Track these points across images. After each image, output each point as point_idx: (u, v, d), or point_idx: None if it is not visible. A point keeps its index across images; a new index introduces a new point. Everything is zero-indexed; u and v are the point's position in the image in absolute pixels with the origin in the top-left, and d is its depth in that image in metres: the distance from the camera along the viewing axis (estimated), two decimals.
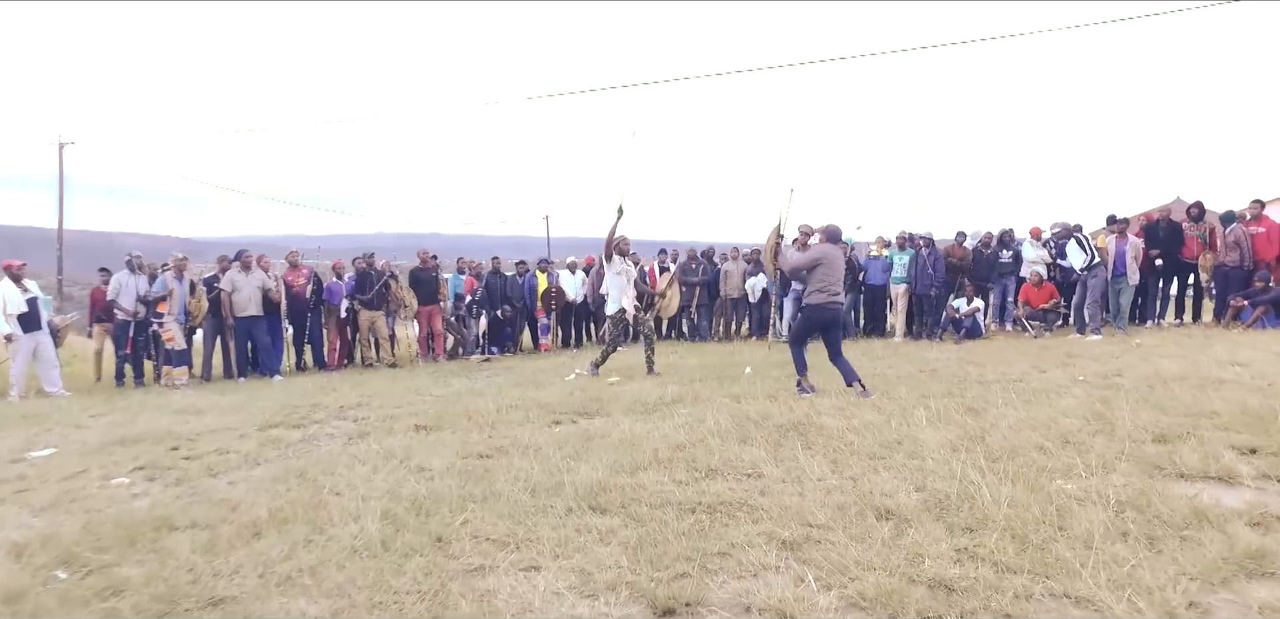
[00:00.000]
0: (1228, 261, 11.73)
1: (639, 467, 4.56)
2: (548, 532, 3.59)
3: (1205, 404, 5.54)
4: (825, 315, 7.39)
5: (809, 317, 7.53)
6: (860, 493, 3.82)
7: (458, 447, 5.60)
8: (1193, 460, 4.11)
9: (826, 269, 7.34)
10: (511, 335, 14.92)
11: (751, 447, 4.84)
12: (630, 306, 9.38)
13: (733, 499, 3.84)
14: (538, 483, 4.38)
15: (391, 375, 11.53)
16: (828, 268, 7.35)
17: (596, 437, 5.61)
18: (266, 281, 11.81)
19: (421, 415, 7.18)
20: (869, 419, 5.49)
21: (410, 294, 13.58)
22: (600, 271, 15.10)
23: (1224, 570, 2.80)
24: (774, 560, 3.09)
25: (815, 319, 7.47)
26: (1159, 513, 3.32)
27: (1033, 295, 12.59)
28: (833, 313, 7.41)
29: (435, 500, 4.17)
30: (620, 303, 9.39)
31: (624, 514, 3.78)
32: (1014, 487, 3.69)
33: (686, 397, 7.18)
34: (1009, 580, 2.77)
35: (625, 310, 9.36)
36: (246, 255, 11.86)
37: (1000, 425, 5.12)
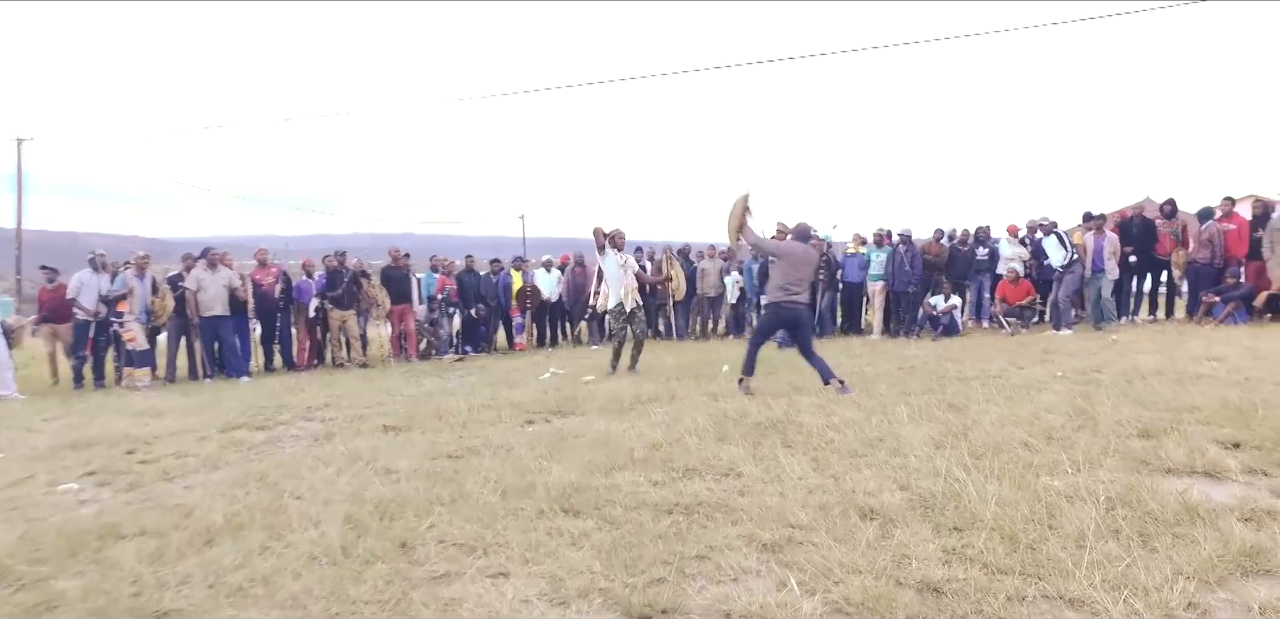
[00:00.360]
0: (1200, 258, 11.80)
1: (614, 467, 4.41)
2: (517, 535, 3.42)
3: (1185, 399, 5.50)
4: (782, 315, 7.24)
5: (767, 314, 7.41)
6: (843, 492, 3.69)
7: (426, 447, 5.42)
8: (1178, 456, 4.04)
9: (788, 266, 7.17)
10: (486, 334, 14.70)
11: (730, 445, 4.70)
12: (630, 300, 9.16)
13: (711, 500, 3.69)
14: (508, 484, 4.21)
15: (362, 375, 11.27)
16: (789, 265, 7.17)
17: (570, 436, 5.45)
18: (233, 280, 11.50)
19: (390, 416, 6.98)
20: (849, 416, 5.37)
21: (382, 292, 13.32)
22: (578, 270, 14.94)
23: (1220, 569, 2.70)
24: (754, 564, 2.95)
25: (773, 317, 7.36)
26: (1150, 510, 3.21)
27: (1009, 292, 12.60)
28: (790, 313, 7.18)
29: (400, 504, 3.99)
30: (619, 296, 9.19)
31: (598, 516, 3.62)
32: (1000, 484, 3.58)
33: (663, 395, 7.04)
34: (1000, 582, 2.65)
35: (624, 304, 9.15)
36: (212, 253, 11.55)
37: (982, 422, 5.03)
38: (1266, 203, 11.81)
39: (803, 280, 7.22)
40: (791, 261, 7.18)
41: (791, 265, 7.16)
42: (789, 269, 7.16)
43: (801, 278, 7.20)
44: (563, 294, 15.07)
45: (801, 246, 7.36)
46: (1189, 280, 12.30)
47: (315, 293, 12.88)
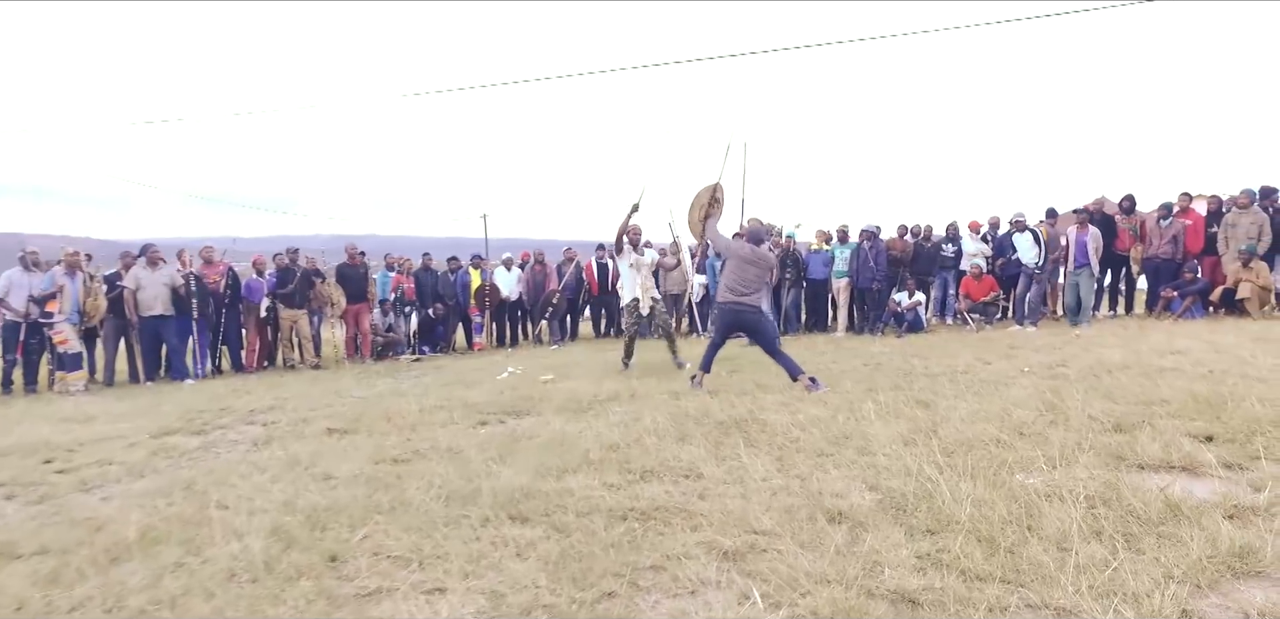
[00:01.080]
0: (1161, 253, 11.86)
1: (567, 470, 4.14)
2: (458, 546, 3.14)
3: (1154, 392, 5.38)
4: (726, 316, 7.09)
5: (716, 315, 7.25)
6: (809, 494, 3.46)
7: (371, 451, 5.11)
8: (1153, 450, 3.89)
9: (734, 267, 6.99)
10: (444, 334, 14.31)
11: (690, 445, 4.44)
12: (647, 298, 8.88)
13: (669, 504, 3.44)
14: (453, 490, 3.92)
15: (313, 377, 10.85)
16: (735, 266, 6.98)
17: (524, 438, 5.18)
18: (174, 278, 10.98)
19: (337, 419, 6.63)
20: (815, 414, 5.16)
21: (337, 291, 12.88)
22: (537, 268, 14.63)
23: (1211, 571, 2.52)
24: (714, 574, 2.69)
25: (720, 318, 7.20)
26: (1132, 508, 3.03)
27: (973, 289, 12.56)
28: (734, 314, 7.01)
29: (335, 512, 3.69)
30: (634, 293, 8.93)
31: (547, 524, 3.35)
32: (974, 483, 3.38)
33: (623, 393, 6.78)
34: (980, 590, 2.43)
35: (639, 301, 8.88)
36: (153, 251, 11.01)
37: (952, 418, 4.84)
38: (1220, 200, 11.91)
39: (749, 282, 6.98)
40: (738, 262, 7.00)
41: (737, 266, 6.99)
42: (735, 269, 6.99)
43: (747, 279, 6.97)
44: (523, 293, 14.73)
45: (749, 247, 7.10)
46: (1148, 276, 12.36)
47: (266, 292, 12.40)
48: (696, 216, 8.24)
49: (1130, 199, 12.50)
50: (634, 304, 8.90)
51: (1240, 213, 11.18)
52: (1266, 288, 10.72)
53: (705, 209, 8.11)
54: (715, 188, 8.08)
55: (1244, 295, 10.68)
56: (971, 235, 13.32)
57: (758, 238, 7.22)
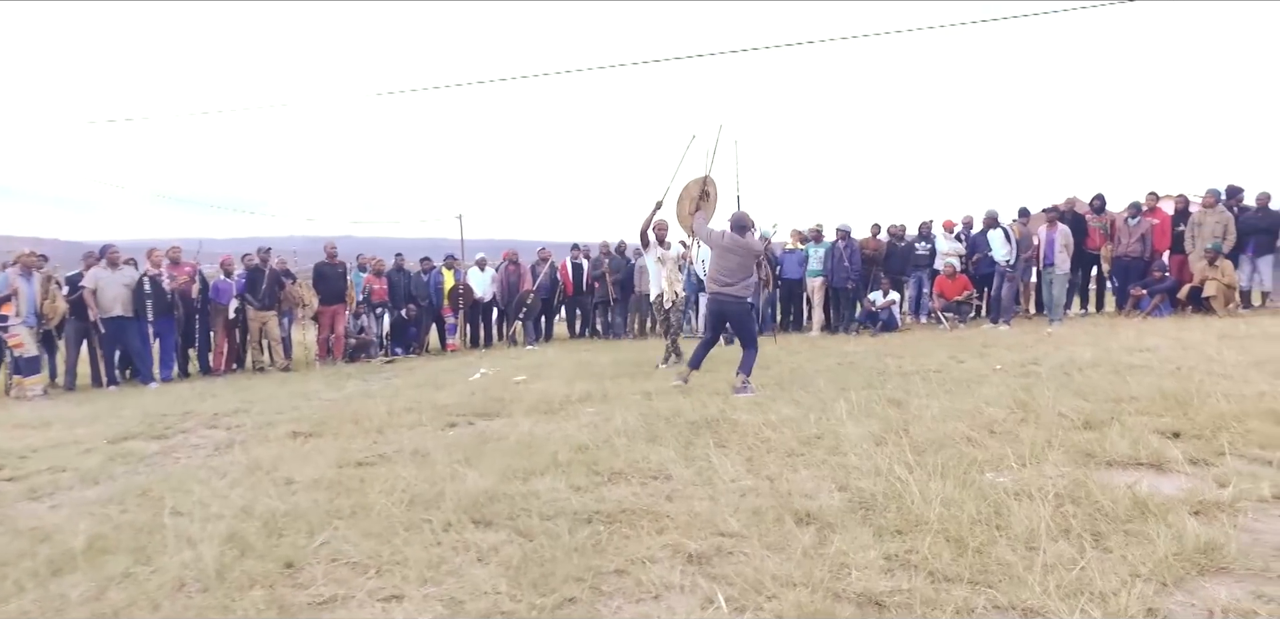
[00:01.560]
0: (1130, 252, 12.00)
1: (534, 472, 4.06)
2: (418, 552, 3.05)
3: (1123, 389, 5.41)
4: (712, 306, 7.17)
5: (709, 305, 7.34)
6: (778, 495, 3.40)
7: (336, 455, 4.99)
8: (1122, 447, 3.88)
9: (719, 257, 7.04)
10: (417, 335, 14.14)
11: (660, 446, 4.38)
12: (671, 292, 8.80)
13: (636, 506, 3.37)
14: (417, 494, 3.83)
15: (282, 379, 10.66)
16: (718, 255, 7.05)
17: (493, 440, 5.09)
18: (134, 280, 10.74)
19: (303, 422, 6.49)
20: (787, 413, 5.12)
21: (310, 292, 12.68)
22: (511, 268, 14.51)
23: (1177, 568, 2.50)
24: (678, 578, 2.63)
25: (709, 308, 7.28)
26: (1100, 506, 3.01)
27: (947, 287, 12.62)
28: (719, 303, 7.06)
29: (294, 518, 3.58)
30: (660, 288, 8.94)
31: (510, 527, 3.27)
32: (944, 482, 3.34)
33: (595, 394, 6.71)
34: (947, 592, 2.39)
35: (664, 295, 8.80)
36: (112, 251, 10.76)
37: (924, 416, 4.82)
38: (1187, 200, 12.07)
39: (732, 271, 6.99)
40: (720, 251, 7.06)
41: (719, 255, 7.05)
42: (717, 259, 7.06)
43: (729, 267, 6.99)
44: (497, 293, 14.61)
45: (731, 236, 7.13)
46: (1117, 274, 12.50)
47: (235, 293, 12.17)
48: (686, 210, 8.22)
49: (1100, 198, 12.62)
50: (660, 299, 8.87)
51: (1206, 212, 11.33)
52: (1231, 286, 10.87)
53: (695, 202, 8.08)
54: (704, 181, 8.06)
55: (1210, 293, 10.82)
56: (945, 234, 13.39)
57: (741, 226, 7.21)
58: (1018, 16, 11.39)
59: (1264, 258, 11.14)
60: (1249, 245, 11.17)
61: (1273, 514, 2.97)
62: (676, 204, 8.38)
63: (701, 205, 8.04)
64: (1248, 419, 4.26)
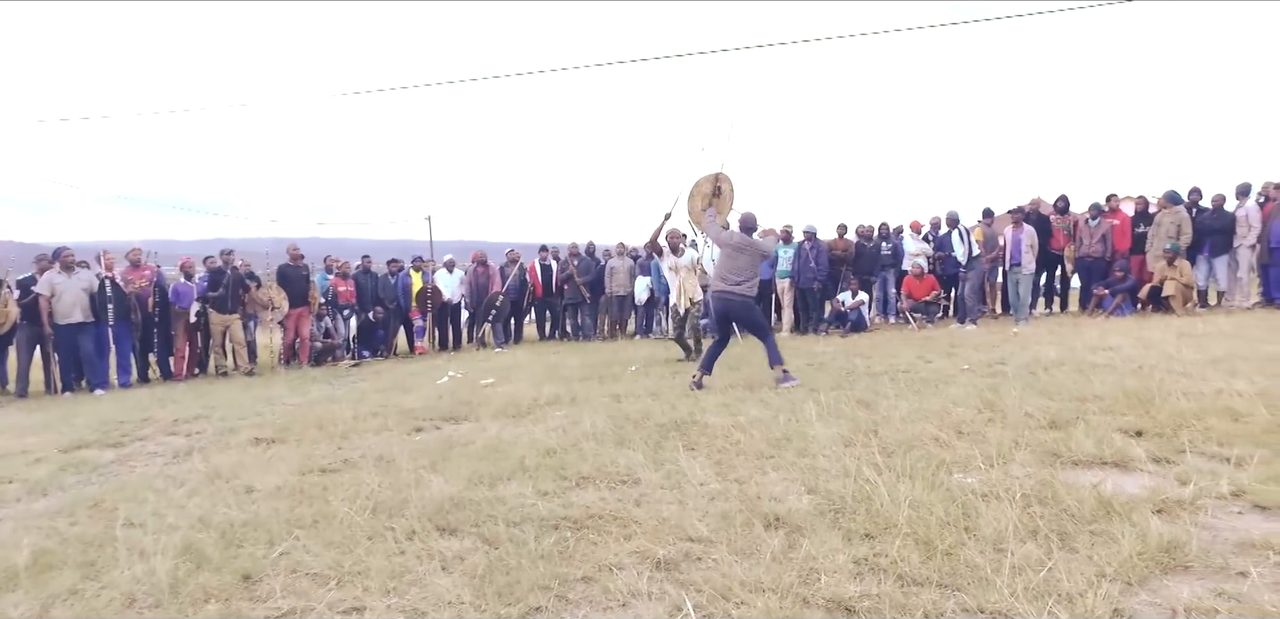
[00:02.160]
0: (1092, 253, 12.20)
1: (501, 477, 4.01)
2: (381, 561, 2.98)
3: (1087, 388, 5.47)
4: (718, 305, 7.18)
5: (714, 304, 7.37)
6: (747, 498, 3.38)
7: (299, 462, 4.88)
8: (1087, 446, 3.92)
9: (728, 257, 7.09)
10: (384, 338, 13.96)
11: (629, 450, 4.33)
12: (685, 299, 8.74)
13: (603, 511, 3.33)
14: (381, 501, 3.75)
15: (245, 384, 10.44)
16: (726, 255, 7.09)
17: (459, 444, 5.02)
18: (92, 283, 10.46)
19: (266, 427, 6.35)
20: (756, 415, 5.10)
21: (279, 294, 12.45)
22: (480, 270, 14.38)
23: (1141, 567, 2.51)
24: (646, 585, 2.59)
25: (713, 307, 7.29)
26: (1066, 506, 3.03)
27: (914, 288, 12.74)
28: (724, 302, 7.10)
29: (253, 528, 3.49)
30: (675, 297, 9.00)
31: (476, 535, 3.21)
32: (913, 484, 3.34)
33: (564, 397, 6.65)
34: (916, 596, 2.38)
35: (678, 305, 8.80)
36: (66, 254, 10.47)
37: (892, 417, 4.84)
38: (1147, 201, 12.29)
39: (740, 270, 7.05)
40: (727, 252, 7.13)
41: (728, 255, 7.11)
42: (726, 259, 7.12)
43: (738, 267, 7.05)
44: (465, 295, 14.47)
45: (739, 236, 7.20)
46: (1080, 274, 12.71)
47: (196, 296, 11.91)
48: (697, 206, 8.15)
49: (1064, 199, 12.82)
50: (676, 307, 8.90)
51: (1164, 213, 11.56)
52: (1189, 285, 11.10)
53: (707, 199, 8.01)
54: (717, 177, 7.99)
55: (1169, 292, 11.04)
56: (913, 235, 13.51)
57: (748, 226, 7.30)
58: (983, 19, 11.52)
59: (1219, 258, 11.40)
60: (1205, 246, 11.42)
61: (1232, 511, 3.01)
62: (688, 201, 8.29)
63: (713, 202, 7.98)
64: (1206, 417, 4.33)
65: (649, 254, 9.06)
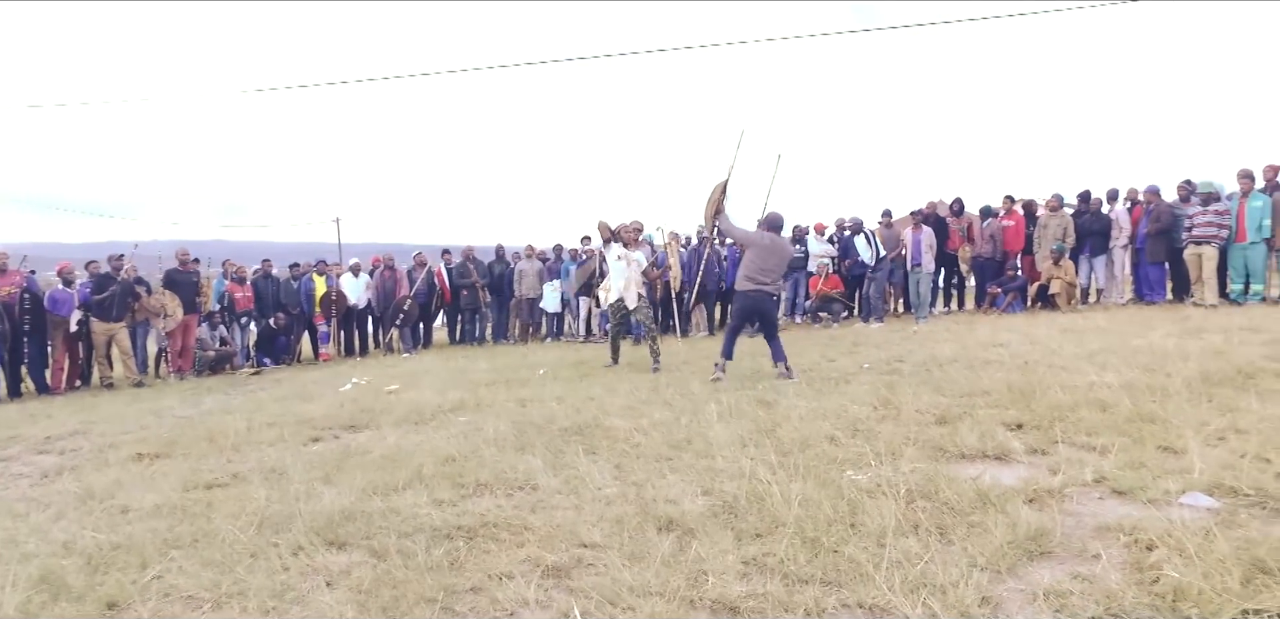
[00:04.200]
0: (983, 252, 12.80)
1: (396, 487, 3.90)
2: (262, 580, 2.86)
3: (977, 384, 5.71)
4: (748, 302, 7.34)
5: (735, 302, 7.55)
6: (642, 502, 3.39)
7: (184, 477, 4.64)
8: (971, 440, 4.08)
9: (754, 255, 7.27)
10: (287, 345, 13.45)
11: (529, 455, 4.30)
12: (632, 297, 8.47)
13: (498, 519, 3.29)
14: (268, 516, 3.61)
15: (132, 396, 9.87)
16: (756, 254, 7.27)
17: (357, 454, 4.87)
18: None
19: (150, 442, 6.02)
20: (659, 418, 5.14)
21: (173, 300, 11.81)
22: (387, 273, 14.01)
23: (1010, 556, 2.63)
24: (535, 593, 2.56)
25: (739, 304, 7.45)
26: (947, 500, 3.15)
27: (820, 287, 13.07)
28: (753, 300, 7.31)
29: (125, 551, 3.30)
30: (619, 292, 8.57)
31: (365, 548, 3.12)
32: (805, 483, 3.42)
33: (469, 403, 6.54)
34: (800, 594, 2.43)
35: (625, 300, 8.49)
36: None
37: (791, 417, 4.94)
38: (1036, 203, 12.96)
39: (769, 270, 7.29)
40: (758, 251, 7.28)
41: (758, 255, 7.26)
42: (755, 258, 7.26)
43: (768, 267, 7.27)
44: (372, 299, 14.08)
45: (770, 236, 7.38)
46: (975, 273, 13.32)
47: (77, 303, 11.18)
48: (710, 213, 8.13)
49: (959, 202, 13.41)
50: (619, 304, 8.63)
51: (1050, 215, 12.23)
52: (1072, 284, 11.77)
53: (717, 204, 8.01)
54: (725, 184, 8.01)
55: (1055, 291, 11.69)
56: (817, 237, 13.86)
57: (775, 226, 7.50)
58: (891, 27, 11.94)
59: (1098, 257, 12.13)
60: (1086, 246, 12.14)
61: (1093, 497, 3.19)
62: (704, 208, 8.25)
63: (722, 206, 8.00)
64: (1079, 409, 4.58)
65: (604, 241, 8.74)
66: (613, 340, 8.90)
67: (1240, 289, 10.57)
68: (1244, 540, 2.55)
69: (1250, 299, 10.43)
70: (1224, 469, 3.28)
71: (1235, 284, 10.65)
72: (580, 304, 13.93)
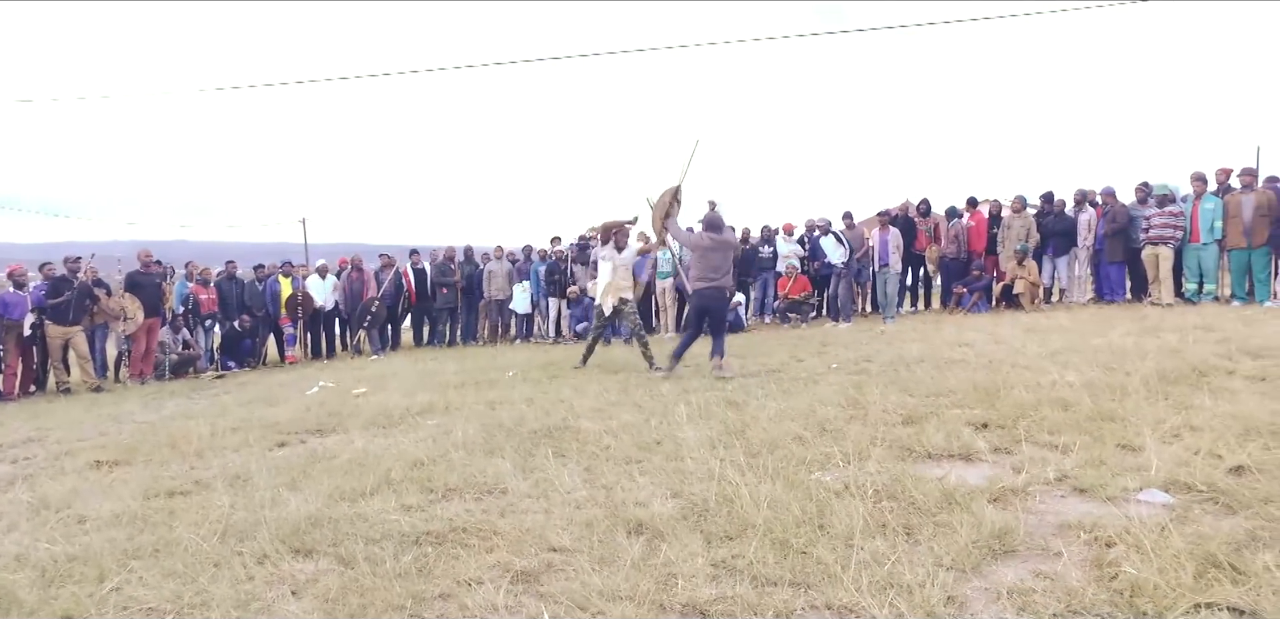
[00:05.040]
0: (948, 253, 12.99)
1: (364, 492, 3.86)
2: (226, 589, 2.81)
3: (943, 383, 5.78)
4: (702, 299, 7.59)
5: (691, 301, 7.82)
6: (612, 505, 3.39)
7: (144, 485, 4.54)
8: (938, 440, 4.13)
9: (703, 257, 7.55)
10: (252, 348, 13.23)
11: (498, 459, 4.27)
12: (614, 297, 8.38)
13: (468, 524, 3.27)
14: (232, 524, 3.54)
15: (90, 402, 9.64)
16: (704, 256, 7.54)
17: (323, 458, 4.81)
18: None
19: (110, 448, 5.88)
20: (628, 420, 5.14)
21: (133, 303, 11.56)
22: (355, 275, 13.87)
23: (975, 555, 2.68)
24: (504, 599, 2.55)
25: (695, 303, 7.71)
26: (913, 500, 3.19)
27: (789, 289, 13.17)
28: (708, 296, 7.55)
29: (82, 562, 3.22)
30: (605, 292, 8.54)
31: (333, 555, 3.09)
32: (774, 484, 3.44)
33: (438, 405, 6.49)
34: (769, 596, 2.45)
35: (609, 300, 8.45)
36: None
37: (760, 417, 4.97)
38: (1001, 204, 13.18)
39: (718, 267, 7.56)
40: (703, 252, 7.57)
41: (704, 255, 7.58)
42: (703, 259, 7.59)
43: (715, 263, 7.53)
44: (339, 301, 13.91)
45: (711, 236, 7.64)
46: (941, 273, 13.51)
47: (30, 306, 10.90)
48: (658, 217, 8.13)
49: (926, 202, 13.59)
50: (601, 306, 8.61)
51: (1014, 216, 12.45)
52: (1035, 284, 12.00)
53: (666, 209, 8.02)
54: (676, 190, 8.00)
55: (1019, 290, 11.90)
56: (786, 237, 13.96)
57: (716, 226, 7.75)
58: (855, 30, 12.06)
59: (1061, 257, 12.37)
60: (1049, 246, 12.38)
61: (1056, 495, 3.25)
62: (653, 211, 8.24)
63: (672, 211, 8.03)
64: (1042, 407, 4.66)
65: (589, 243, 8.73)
66: (590, 342, 8.86)
67: (1194, 288, 10.87)
68: (1197, 535, 2.63)
69: (1204, 298, 10.73)
70: (1179, 465, 3.37)
71: (1190, 283, 10.94)
72: (550, 305, 13.88)
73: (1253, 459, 3.34)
